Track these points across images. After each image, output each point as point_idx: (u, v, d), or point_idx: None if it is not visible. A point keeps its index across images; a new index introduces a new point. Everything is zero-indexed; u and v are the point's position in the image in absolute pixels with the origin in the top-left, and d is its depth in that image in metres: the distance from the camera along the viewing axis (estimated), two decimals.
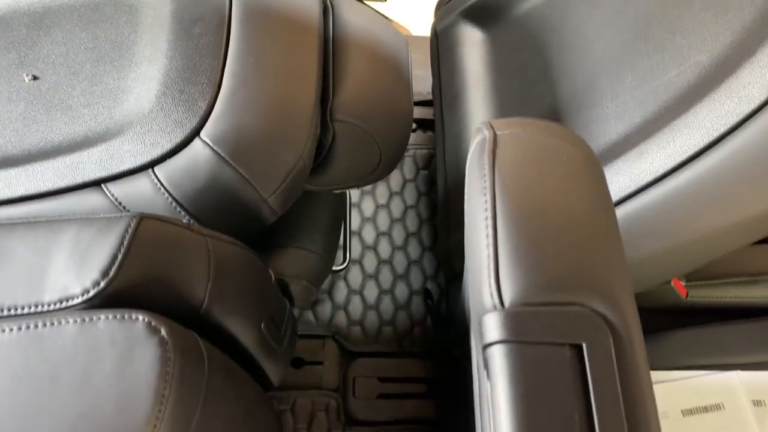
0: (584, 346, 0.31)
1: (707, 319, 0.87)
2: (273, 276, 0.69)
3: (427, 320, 1.13)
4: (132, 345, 0.47)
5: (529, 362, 0.30)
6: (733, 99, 0.60)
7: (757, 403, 0.80)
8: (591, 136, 0.77)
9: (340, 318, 1.12)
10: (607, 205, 0.36)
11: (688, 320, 0.87)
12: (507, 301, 0.32)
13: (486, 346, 0.32)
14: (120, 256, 0.50)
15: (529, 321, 0.31)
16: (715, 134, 0.61)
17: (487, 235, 0.33)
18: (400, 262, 1.17)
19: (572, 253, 0.33)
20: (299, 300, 0.83)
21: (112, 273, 0.50)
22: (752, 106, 0.58)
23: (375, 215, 1.20)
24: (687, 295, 0.83)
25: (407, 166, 1.25)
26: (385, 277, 1.16)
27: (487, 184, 0.35)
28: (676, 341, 0.85)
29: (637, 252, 0.70)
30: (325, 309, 1.12)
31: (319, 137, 0.72)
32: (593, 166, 0.38)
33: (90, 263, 0.50)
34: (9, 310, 0.50)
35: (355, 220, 1.19)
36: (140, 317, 0.48)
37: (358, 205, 1.21)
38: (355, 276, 1.15)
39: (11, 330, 0.48)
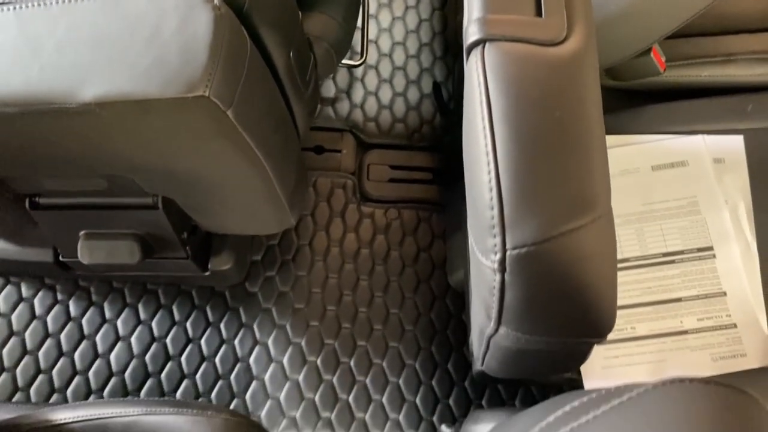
0: None
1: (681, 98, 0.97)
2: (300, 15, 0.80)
3: (435, 119, 1.24)
4: (192, 7, 0.59)
5: None
6: None
7: (717, 161, 0.92)
8: None
9: (357, 115, 1.24)
10: None
11: (664, 100, 0.98)
12: None
13: None
14: None
15: None
16: None
17: None
18: (412, 69, 1.28)
19: None
20: (321, 63, 0.94)
21: None
22: None
23: (391, 26, 1.30)
24: (665, 69, 0.93)
25: None
26: (399, 81, 1.27)
27: None
28: (650, 113, 0.96)
29: (620, 4, 0.80)
30: (344, 106, 1.24)
31: None
32: None
33: None
34: None
35: (372, 31, 1.29)
36: None
37: (376, 17, 1.30)
38: (371, 79, 1.26)
39: None
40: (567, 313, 0.40)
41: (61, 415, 0.74)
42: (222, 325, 1.08)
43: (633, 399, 0.32)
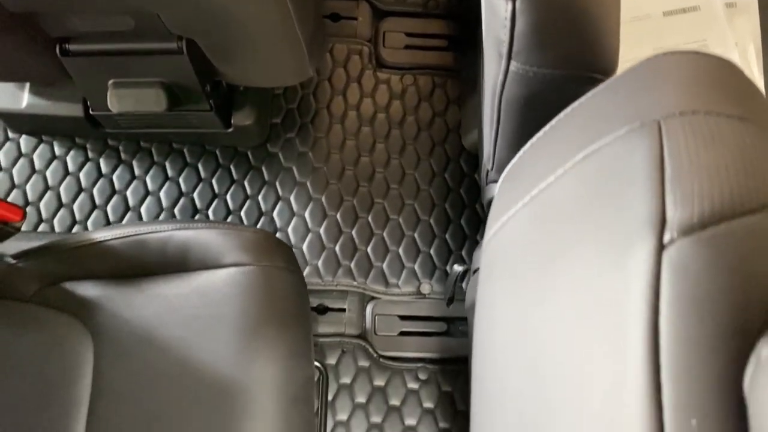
0: None
1: None
2: None
3: None
4: None
5: None
6: None
7: (729, 5, 0.93)
8: None
9: None
10: None
11: None
12: None
13: None
14: None
15: None
16: None
17: None
18: None
19: None
20: None
21: None
22: None
23: None
24: None
25: None
26: None
27: None
28: None
29: None
30: None
31: None
32: None
33: None
34: None
35: None
36: None
37: None
38: None
39: None
40: (573, 42, 0.43)
41: (102, 234, 0.80)
42: (246, 182, 1.14)
43: (626, 74, 0.35)
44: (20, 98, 1.05)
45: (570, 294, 0.29)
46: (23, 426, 0.73)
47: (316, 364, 1.04)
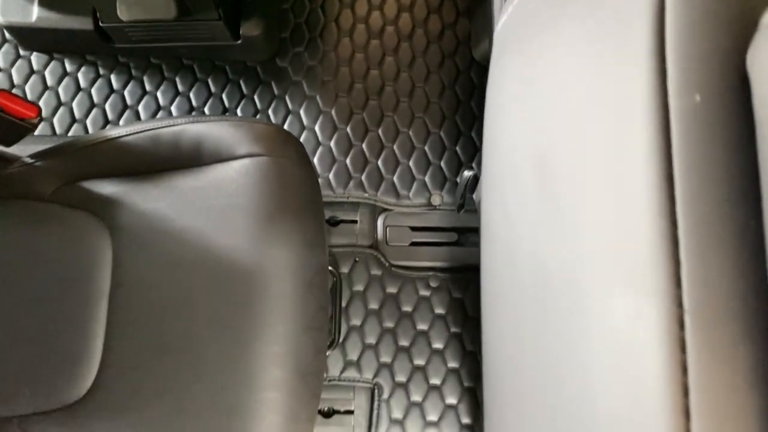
0: None
1: None
2: None
3: None
4: None
5: None
6: None
7: None
8: None
9: None
10: None
11: None
12: None
13: None
14: None
15: None
16: None
17: None
18: None
19: None
20: None
21: None
22: None
23: None
24: None
25: None
26: None
27: None
28: None
29: None
30: None
31: None
32: None
33: None
34: None
35: None
36: None
37: None
38: None
39: None
40: None
41: (116, 131, 0.81)
42: (256, 97, 1.14)
43: None
44: (30, 12, 1.05)
45: (577, 31, 0.29)
46: (47, 317, 0.75)
47: (330, 269, 1.06)
